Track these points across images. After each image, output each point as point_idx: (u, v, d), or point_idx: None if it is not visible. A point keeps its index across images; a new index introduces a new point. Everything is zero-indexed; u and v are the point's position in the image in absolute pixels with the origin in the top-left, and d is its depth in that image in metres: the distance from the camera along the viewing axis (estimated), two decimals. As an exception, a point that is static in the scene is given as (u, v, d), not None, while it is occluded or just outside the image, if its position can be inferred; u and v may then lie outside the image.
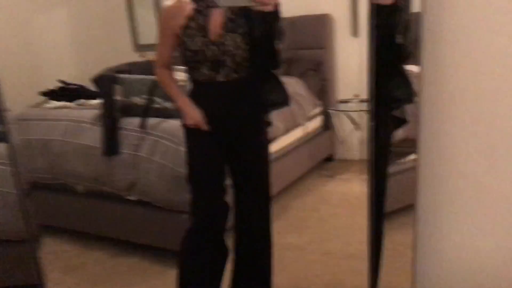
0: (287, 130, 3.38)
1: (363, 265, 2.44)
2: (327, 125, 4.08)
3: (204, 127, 1.79)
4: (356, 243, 2.70)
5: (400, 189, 1.49)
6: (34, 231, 1.11)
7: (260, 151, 1.92)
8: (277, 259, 2.06)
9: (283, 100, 1.89)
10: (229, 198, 1.93)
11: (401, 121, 1.40)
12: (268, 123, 1.92)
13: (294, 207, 3.32)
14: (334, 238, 2.78)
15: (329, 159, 4.38)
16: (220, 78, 1.75)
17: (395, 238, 1.59)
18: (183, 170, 2.42)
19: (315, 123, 3.89)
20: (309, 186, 3.76)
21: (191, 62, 1.77)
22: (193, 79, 1.82)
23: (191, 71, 1.81)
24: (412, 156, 1.42)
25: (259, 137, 1.91)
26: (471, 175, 1.36)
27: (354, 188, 3.63)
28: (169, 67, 1.88)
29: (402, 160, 1.48)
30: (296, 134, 3.55)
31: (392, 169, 1.42)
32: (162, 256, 2.65)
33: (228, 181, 1.94)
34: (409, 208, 1.49)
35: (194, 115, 1.78)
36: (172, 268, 2.53)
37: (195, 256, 1.83)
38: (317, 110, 3.86)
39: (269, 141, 1.96)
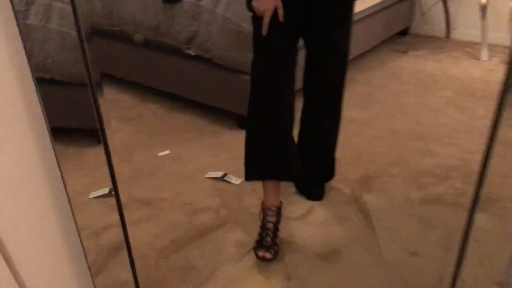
0: (364, -7, 3.01)
1: (431, 147, 2.27)
2: (410, -7, 3.63)
3: (279, 15, 1.44)
4: (425, 123, 2.50)
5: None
6: (95, 75, 0.97)
7: (345, 19, 1.61)
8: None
9: None
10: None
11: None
12: None
13: (361, 81, 3.09)
14: (402, 116, 2.58)
15: (404, 32, 3.99)
16: None
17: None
18: (247, 26, 2.22)
19: (397, -12, 3.46)
20: (380, 60, 3.47)
21: None
22: None
23: None
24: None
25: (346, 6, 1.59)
26: None
27: (429, 66, 3.31)
28: None
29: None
30: (373, -1, 3.17)
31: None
32: (219, 116, 2.57)
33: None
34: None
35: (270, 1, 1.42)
36: (228, 129, 2.47)
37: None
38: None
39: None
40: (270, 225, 1.61)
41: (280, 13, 1.43)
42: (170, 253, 1.63)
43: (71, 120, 2.31)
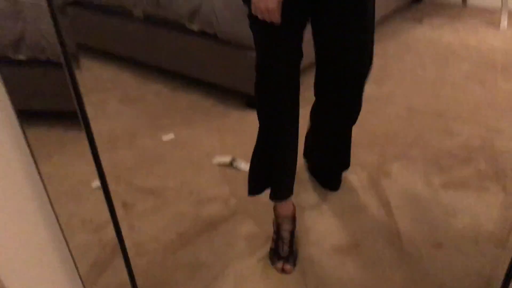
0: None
1: (452, 125, 2.13)
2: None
3: (277, 20, 1.18)
4: (444, 99, 2.36)
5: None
6: (69, 49, 0.84)
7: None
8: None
9: None
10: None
11: None
12: None
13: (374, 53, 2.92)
14: (419, 92, 2.43)
15: (417, 0, 3.79)
16: None
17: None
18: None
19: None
20: (393, 30, 3.29)
21: None
22: None
23: None
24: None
25: None
26: None
27: (445, 35, 3.14)
28: None
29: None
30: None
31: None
32: (225, 96, 2.43)
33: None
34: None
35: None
36: (236, 109, 2.33)
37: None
38: None
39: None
40: (286, 234, 1.48)
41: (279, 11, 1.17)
42: (177, 249, 1.53)
43: (70, 103, 2.20)
